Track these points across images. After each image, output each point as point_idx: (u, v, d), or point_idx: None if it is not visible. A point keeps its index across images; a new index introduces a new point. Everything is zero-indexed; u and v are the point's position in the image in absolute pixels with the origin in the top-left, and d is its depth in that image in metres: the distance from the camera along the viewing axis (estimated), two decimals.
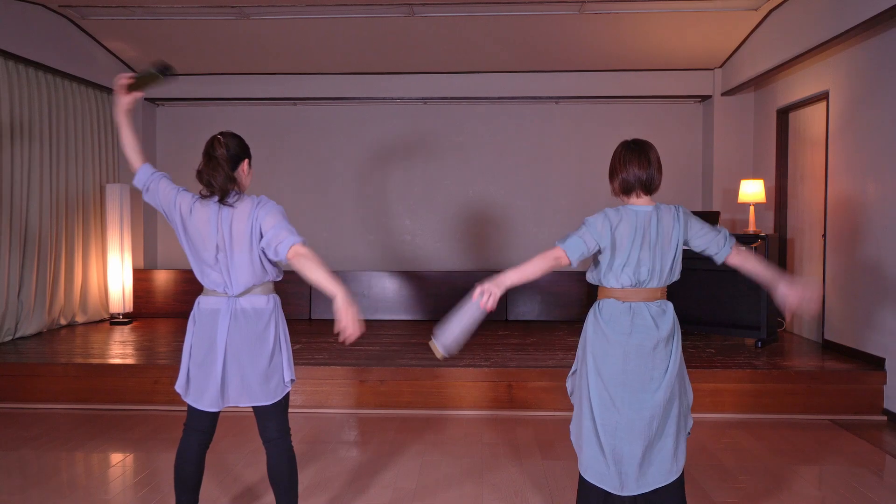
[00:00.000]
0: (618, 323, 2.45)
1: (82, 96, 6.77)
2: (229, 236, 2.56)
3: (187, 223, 2.59)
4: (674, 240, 2.44)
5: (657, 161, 2.48)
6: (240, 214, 2.56)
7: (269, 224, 2.53)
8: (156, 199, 2.68)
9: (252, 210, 2.56)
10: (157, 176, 2.70)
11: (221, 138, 2.61)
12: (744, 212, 6.90)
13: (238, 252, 2.57)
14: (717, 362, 4.94)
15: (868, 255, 4.96)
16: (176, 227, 2.64)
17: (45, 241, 6.24)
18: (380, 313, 7.16)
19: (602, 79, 7.15)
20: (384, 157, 7.63)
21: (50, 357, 5.23)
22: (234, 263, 2.58)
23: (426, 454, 3.94)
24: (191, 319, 2.68)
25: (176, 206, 2.61)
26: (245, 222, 2.55)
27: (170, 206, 2.63)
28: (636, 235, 2.42)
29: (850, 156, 5.21)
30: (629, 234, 2.42)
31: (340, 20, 5.99)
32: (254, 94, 7.31)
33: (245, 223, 2.55)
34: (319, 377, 4.81)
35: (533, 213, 7.54)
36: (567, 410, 4.68)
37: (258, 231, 2.55)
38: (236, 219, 2.56)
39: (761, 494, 3.39)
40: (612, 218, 2.44)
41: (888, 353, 4.69)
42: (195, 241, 2.60)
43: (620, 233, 2.43)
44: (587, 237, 2.44)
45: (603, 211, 2.47)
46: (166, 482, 3.50)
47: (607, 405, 2.43)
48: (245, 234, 2.56)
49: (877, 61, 4.89)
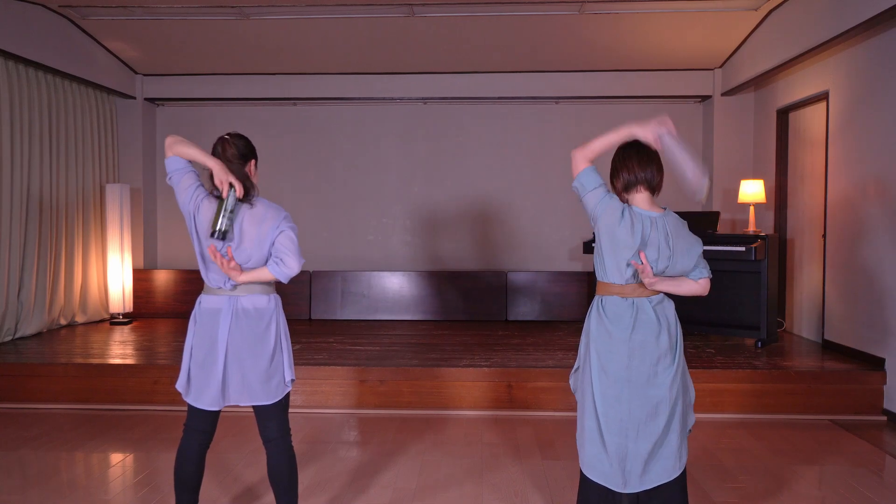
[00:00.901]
0: (621, 319, 2.45)
1: (82, 96, 6.77)
2: (239, 233, 2.57)
3: (197, 219, 2.60)
4: (686, 250, 2.47)
5: (657, 159, 2.49)
6: (259, 217, 2.59)
7: (280, 244, 2.61)
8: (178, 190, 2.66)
9: (276, 219, 2.61)
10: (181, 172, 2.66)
11: (229, 138, 2.62)
12: (744, 212, 6.90)
13: (245, 250, 2.58)
14: (717, 362, 4.94)
15: (868, 256, 4.96)
16: (189, 223, 2.64)
17: (45, 241, 6.24)
18: (380, 313, 7.16)
19: (602, 79, 7.15)
20: (384, 158, 7.63)
21: (50, 357, 5.23)
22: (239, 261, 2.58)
23: (426, 454, 3.94)
24: (192, 319, 2.68)
25: (192, 200, 2.62)
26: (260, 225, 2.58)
27: (187, 199, 2.63)
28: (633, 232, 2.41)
29: (850, 156, 5.21)
30: (627, 227, 2.42)
31: (340, 20, 5.99)
32: (254, 94, 7.32)
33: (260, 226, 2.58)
34: (319, 377, 4.81)
35: (533, 212, 7.54)
36: (567, 410, 4.69)
37: (270, 241, 2.61)
38: (254, 219, 2.58)
39: (761, 494, 3.39)
40: (608, 201, 2.46)
41: (888, 353, 4.69)
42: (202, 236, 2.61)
43: (608, 222, 2.44)
44: (593, 178, 2.49)
45: (609, 193, 2.49)
46: (166, 482, 3.50)
47: (612, 403, 2.43)
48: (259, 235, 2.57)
49: (877, 61, 4.89)
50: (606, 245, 2.46)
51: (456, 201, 7.58)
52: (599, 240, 2.50)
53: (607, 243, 2.46)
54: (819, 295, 5.77)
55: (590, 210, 2.49)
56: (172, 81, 7.36)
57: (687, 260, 2.47)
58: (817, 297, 5.82)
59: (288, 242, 2.60)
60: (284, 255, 2.58)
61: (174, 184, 2.65)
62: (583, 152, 2.51)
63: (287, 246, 2.59)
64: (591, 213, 2.49)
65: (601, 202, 2.46)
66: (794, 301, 6.24)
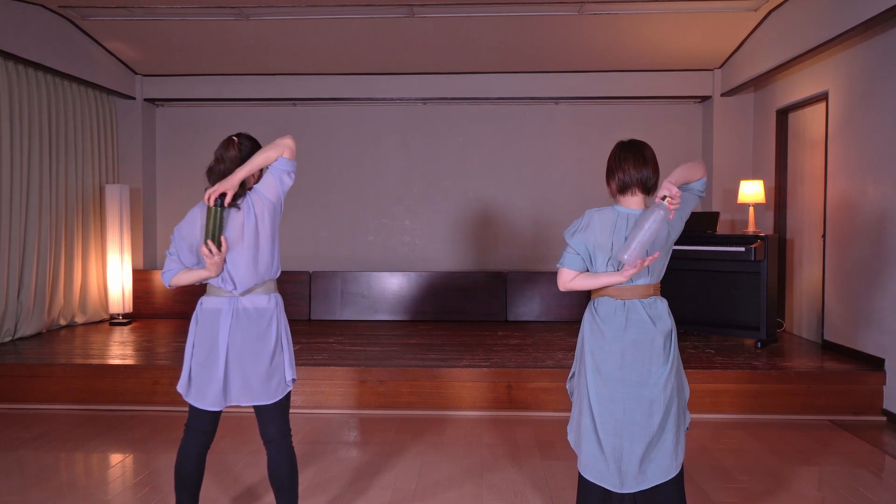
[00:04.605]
0: (613, 320, 2.46)
1: (82, 96, 6.77)
2: (230, 236, 2.57)
3: (189, 237, 2.63)
4: (662, 238, 2.44)
5: (653, 160, 2.49)
6: (240, 214, 2.58)
7: (271, 185, 2.62)
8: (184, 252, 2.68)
9: (248, 206, 2.60)
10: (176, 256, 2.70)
11: (236, 139, 2.62)
12: (743, 212, 6.91)
13: (240, 250, 2.58)
14: (716, 363, 4.94)
15: (868, 256, 4.96)
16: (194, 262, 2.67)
17: (44, 241, 6.24)
18: (379, 314, 7.16)
19: (602, 79, 7.15)
20: (384, 158, 7.63)
21: (49, 358, 5.23)
22: (236, 262, 2.59)
23: (426, 455, 3.94)
24: (193, 319, 2.69)
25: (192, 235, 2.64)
26: (244, 220, 2.58)
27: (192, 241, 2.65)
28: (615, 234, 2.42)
29: (850, 156, 5.21)
30: (608, 232, 2.43)
31: (340, 20, 5.99)
32: (254, 94, 7.32)
33: (245, 220, 2.58)
34: (319, 378, 4.81)
35: (533, 213, 7.54)
36: (567, 411, 4.68)
37: (268, 211, 2.61)
38: (238, 218, 2.58)
39: (761, 495, 3.39)
40: (581, 224, 2.50)
41: (887, 353, 4.69)
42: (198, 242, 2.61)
43: (594, 232, 2.46)
44: (578, 248, 2.50)
45: (574, 222, 2.53)
46: (166, 483, 3.50)
47: (606, 402, 2.44)
48: (246, 231, 2.57)
49: (876, 61, 4.89)
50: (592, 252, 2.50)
51: (456, 201, 7.58)
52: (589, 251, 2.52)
53: (592, 251, 2.49)
54: (819, 295, 5.77)
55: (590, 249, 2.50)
56: (172, 82, 7.36)
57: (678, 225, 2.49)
58: (817, 297, 5.82)
59: (265, 182, 2.61)
60: (272, 175, 2.61)
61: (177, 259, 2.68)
62: (564, 284, 2.54)
63: (266, 180, 2.61)
64: (590, 248, 2.49)
65: (578, 240, 2.49)
66: (794, 301, 6.24)
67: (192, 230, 2.62)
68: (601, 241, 2.45)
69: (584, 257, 2.49)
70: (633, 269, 2.34)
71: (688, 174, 2.45)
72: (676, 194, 2.32)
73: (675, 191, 2.32)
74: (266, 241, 2.63)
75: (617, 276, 2.41)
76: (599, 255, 2.46)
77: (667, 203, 2.31)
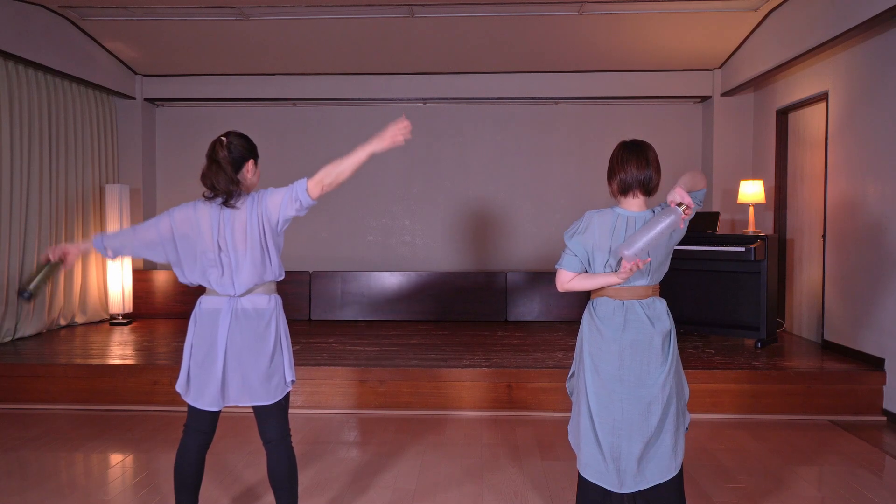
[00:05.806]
0: (612, 320, 2.46)
1: (82, 97, 6.77)
2: (231, 237, 2.57)
3: (184, 229, 2.61)
4: (663, 242, 2.44)
5: (655, 161, 2.48)
6: (241, 215, 2.58)
7: (276, 200, 2.59)
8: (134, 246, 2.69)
9: (252, 207, 2.58)
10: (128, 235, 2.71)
11: (224, 140, 2.61)
12: (743, 212, 6.91)
13: (240, 252, 2.58)
14: (716, 363, 4.94)
15: (868, 256, 4.96)
16: (167, 252, 2.65)
17: (44, 241, 6.24)
18: (379, 314, 7.16)
19: (602, 79, 7.16)
20: (384, 158, 7.60)
21: (50, 358, 5.23)
22: (237, 264, 2.59)
23: (426, 455, 3.94)
24: (192, 319, 2.69)
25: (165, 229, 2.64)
26: (247, 221, 2.57)
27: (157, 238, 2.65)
28: (614, 236, 2.42)
29: (850, 156, 5.21)
30: (607, 234, 2.44)
31: (340, 20, 5.99)
32: (254, 94, 7.31)
33: (247, 222, 2.57)
34: (319, 378, 4.81)
35: (533, 213, 7.54)
36: (567, 411, 4.69)
37: (266, 222, 2.59)
38: (238, 219, 2.58)
39: (761, 495, 3.39)
40: (580, 226, 2.50)
41: (887, 353, 4.69)
42: (195, 241, 2.60)
43: (593, 234, 2.46)
44: (576, 250, 2.50)
45: (574, 223, 2.53)
46: (166, 483, 3.50)
47: (605, 402, 2.44)
48: (248, 232, 2.57)
49: (876, 61, 4.89)
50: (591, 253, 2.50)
51: (455, 201, 7.58)
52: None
53: (591, 252, 2.49)
54: (818, 295, 5.77)
55: (589, 251, 2.50)
56: (172, 82, 7.36)
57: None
58: (817, 297, 5.82)
59: (277, 196, 2.59)
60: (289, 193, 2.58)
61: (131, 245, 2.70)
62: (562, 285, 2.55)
63: (277, 191, 2.59)
64: (589, 249, 2.50)
65: (577, 242, 2.49)
66: (794, 301, 6.24)
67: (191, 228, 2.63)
68: (600, 242, 2.45)
69: (582, 259, 2.49)
70: (629, 267, 2.33)
71: (693, 183, 2.44)
72: (691, 205, 2.31)
73: (688, 200, 2.31)
74: (270, 242, 2.62)
75: (614, 277, 2.41)
76: (598, 257, 2.47)
77: (682, 211, 2.30)
